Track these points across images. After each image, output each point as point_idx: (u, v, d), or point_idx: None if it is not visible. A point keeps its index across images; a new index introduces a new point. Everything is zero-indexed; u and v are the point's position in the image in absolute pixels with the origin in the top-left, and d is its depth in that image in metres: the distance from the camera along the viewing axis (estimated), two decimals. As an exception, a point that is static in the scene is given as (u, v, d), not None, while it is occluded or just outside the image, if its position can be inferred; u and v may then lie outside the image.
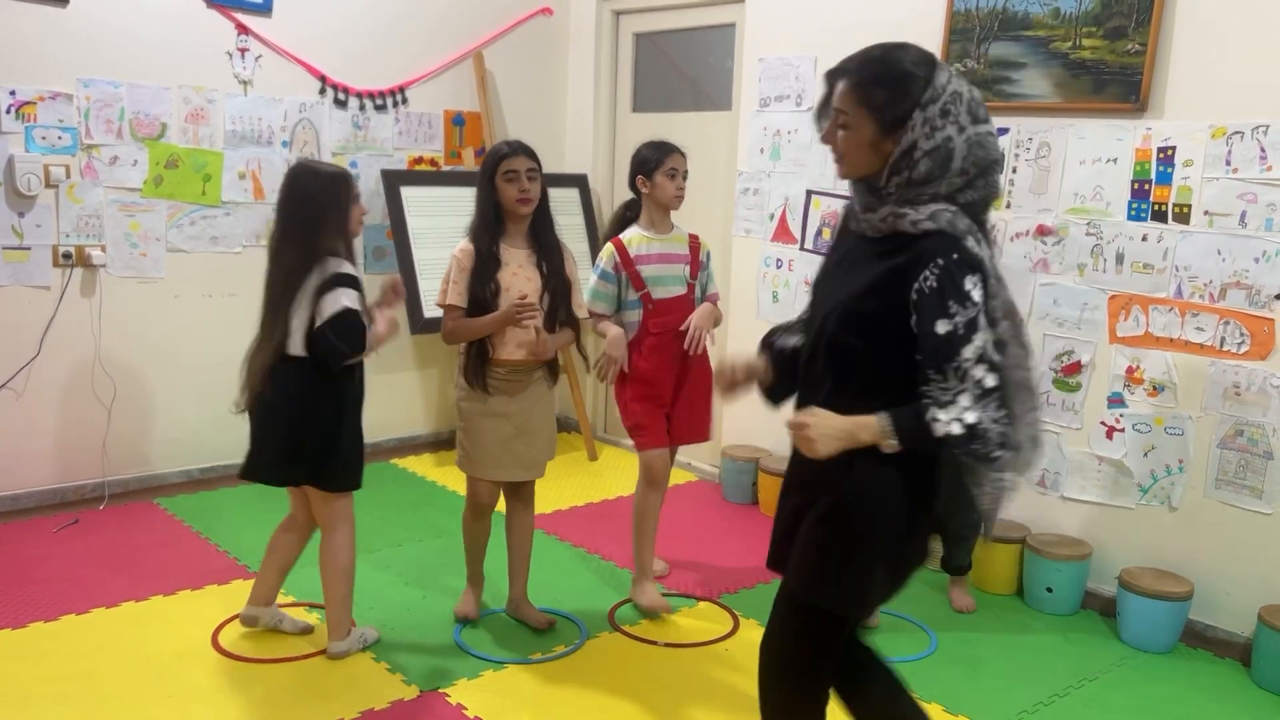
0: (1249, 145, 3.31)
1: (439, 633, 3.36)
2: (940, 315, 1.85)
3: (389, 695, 2.98)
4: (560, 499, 4.69)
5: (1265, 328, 3.33)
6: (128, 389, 4.43)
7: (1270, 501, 3.36)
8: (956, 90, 1.90)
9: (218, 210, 4.59)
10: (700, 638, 3.40)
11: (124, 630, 3.30)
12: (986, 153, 1.91)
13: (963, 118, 1.89)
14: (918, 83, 1.89)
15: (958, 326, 1.84)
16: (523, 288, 3.18)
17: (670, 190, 3.47)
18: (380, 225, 5.02)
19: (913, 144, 1.88)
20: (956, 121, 1.88)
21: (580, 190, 5.52)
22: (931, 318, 1.85)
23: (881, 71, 1.93)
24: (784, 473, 2.28)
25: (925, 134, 1.87)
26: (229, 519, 4.26)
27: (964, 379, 1.84)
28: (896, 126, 1.89)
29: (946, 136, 1.87)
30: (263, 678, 3.05)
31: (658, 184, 3.46)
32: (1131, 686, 3.25)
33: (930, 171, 1.88)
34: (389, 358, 5.08)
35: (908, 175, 1.90)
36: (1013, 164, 3.86)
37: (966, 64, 3.93)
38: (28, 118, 4.08)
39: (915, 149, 1.88)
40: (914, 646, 3.41)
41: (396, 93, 5.05)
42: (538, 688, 3.06)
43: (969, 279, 1.85)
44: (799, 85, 4.53)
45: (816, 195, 4.51)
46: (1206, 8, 3.37)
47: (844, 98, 1.95)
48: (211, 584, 3.65)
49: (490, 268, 3.16)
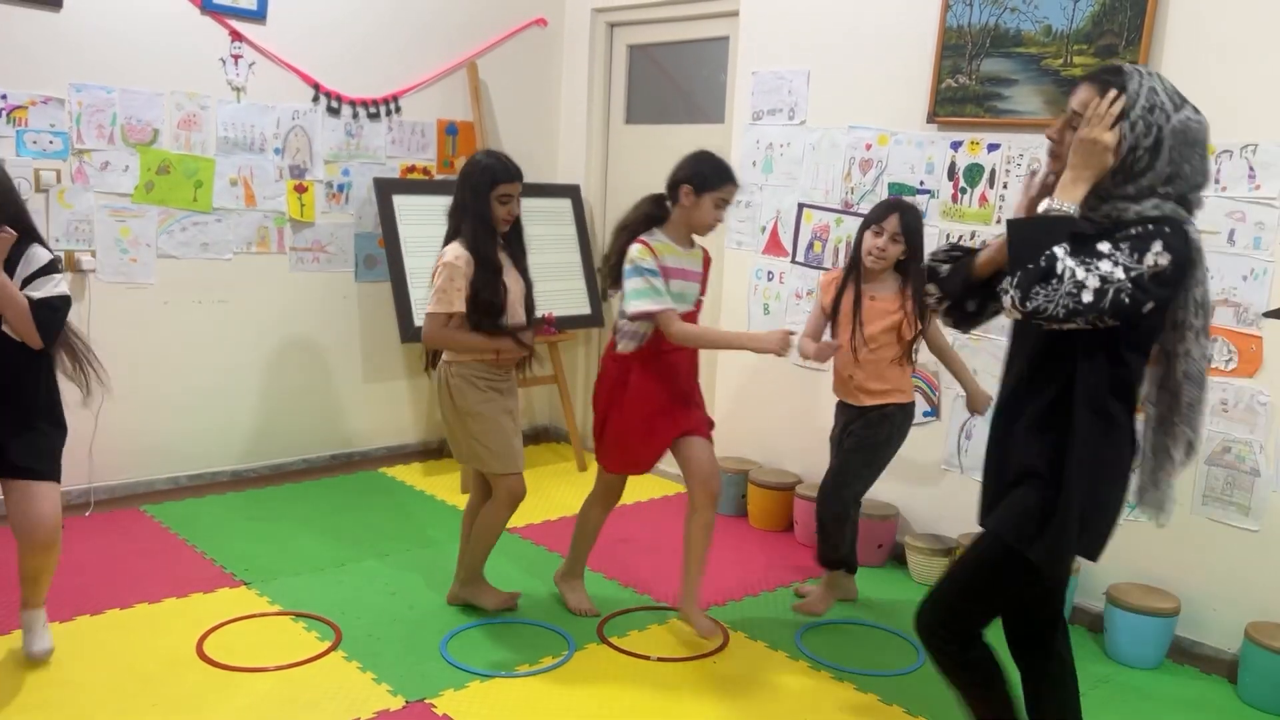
0: (1238, 164, 3.33)
1: (426, 643, 3.35)
2: (1110, 241, 2.02)
3: (375, 705, 2.96)
4: (549, 509, 4.68)
5: (1253, 345, 3.35)
6: (115, 395, 4.40)
7: (1257, 518, 3.37)
8: (1150, 87, 2.05)
9: (209, 216, 4.58)
10: (690, 651, 3.40)
11: (109, 638, 3.28)
12: (1192, 135, 2.05)
13: (1167, 107, 2.04)
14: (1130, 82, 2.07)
15: (1114, 255, 1.99)
16: (514, 288, 3.36)
17: (711, 219, 3.27)
18: (372, 233, 5.02)
19: (1135, 144, 2.04)
20: (1164, 111, 2.04)
21: (573, 201, 5.52)
22: (1104, 238, 2.02)
23: (1113, 71, 2.11)
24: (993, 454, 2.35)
25: (1143, 133, 2.04)
26: (216, 527, 4.24)
27: (1066, 275, 1.99)
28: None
29: (1158, 126, 2.03)
30: (248, 687, 3.03)
31: (703, 206, 3.23)
32: (1118, 703, 3.25)
33: (1146, 163, 2.04)
34: (379, 366, 5.07)
35: (1128, 169, 2.05)
36: (1004, 179, 3.88)
37: (958, 79, 3.95)
38: (19, 122, 4.07)
39: (1138, 149, 2.04)
40: (901, 660, 3.41)
41: (390, 101, 5.06)
42: (524, 699, 3.05)
43: (1159, 246, 1.99)
44: (791, 99, 4.55)
45: (808, 208, 4.53)
46: (1196, 27, 3.40)
47: (1079, 99, 2.12)
48: (197, 592, 3.63)
49: (497, 274, 3.30)
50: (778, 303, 4.67)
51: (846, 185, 4.38)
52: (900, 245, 3.48)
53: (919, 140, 4.12)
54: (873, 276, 3.54)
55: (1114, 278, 1.97)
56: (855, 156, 4.34)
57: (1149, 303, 2.01)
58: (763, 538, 4.49)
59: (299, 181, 4.82)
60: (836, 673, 3.30)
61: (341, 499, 4.69)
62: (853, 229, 4.36)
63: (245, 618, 3.46)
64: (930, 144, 4.09)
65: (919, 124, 4.11)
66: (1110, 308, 1.98)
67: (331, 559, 3.98)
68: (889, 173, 4.23)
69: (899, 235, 3.46)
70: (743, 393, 4.88)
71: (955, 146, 4.01)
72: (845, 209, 4.39)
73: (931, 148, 4.08)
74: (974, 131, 3.95)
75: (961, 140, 3.99)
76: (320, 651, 3.25)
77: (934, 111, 4.03)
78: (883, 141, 4.24)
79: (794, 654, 3.42)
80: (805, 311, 4.56)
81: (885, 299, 3.53)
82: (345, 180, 4.96)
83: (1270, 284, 3.30)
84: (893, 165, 4.21)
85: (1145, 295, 1.99)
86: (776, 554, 4.30)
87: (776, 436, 4.73)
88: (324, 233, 4.92)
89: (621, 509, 4.81)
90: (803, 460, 4.62)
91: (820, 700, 3.14)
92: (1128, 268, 1.98)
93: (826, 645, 3.49)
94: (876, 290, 3.54)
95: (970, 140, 3.96)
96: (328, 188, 4.91)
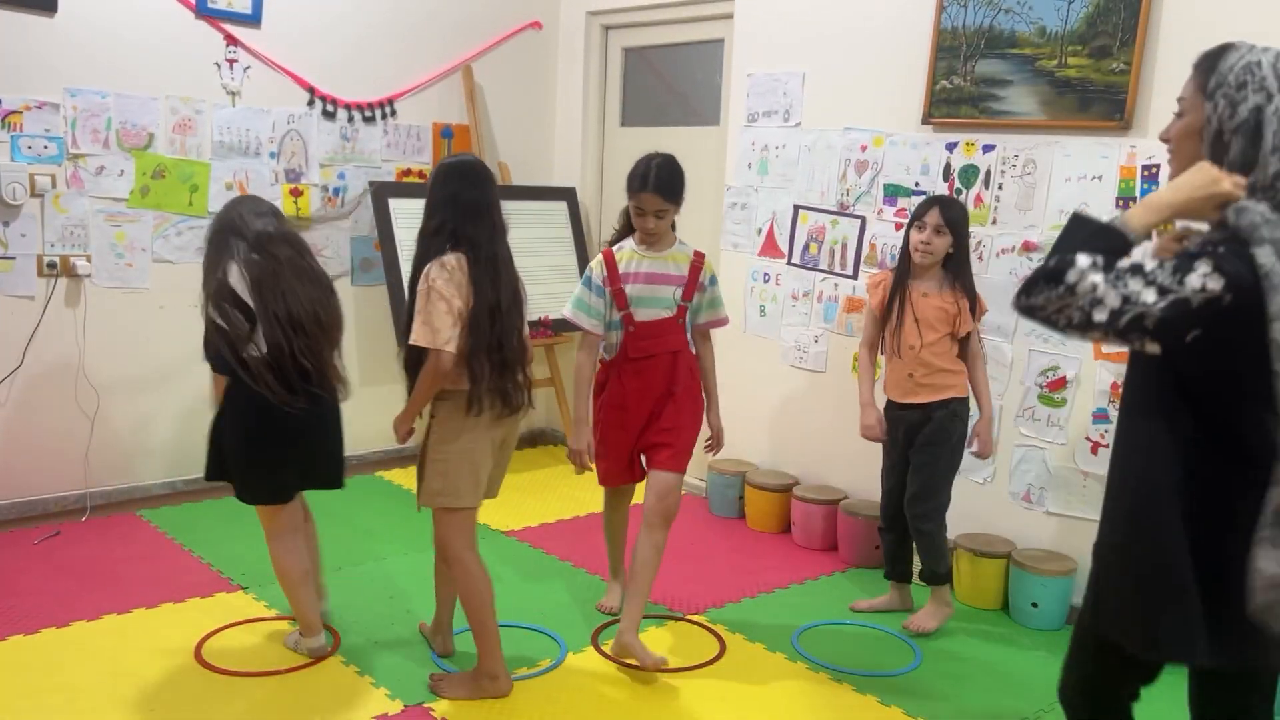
0: (1232, 164, 3.34)
1: (423, 647, 3.35)
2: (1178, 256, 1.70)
3: (373, 709, 2.96)
4: (545, 513, 4.68)
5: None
6: (111, 400, 4.40)
7: (1253, 517, 3.37)
8: (1250, 61, 1.75)
9: (204, 221, 4.55)
10: (686, 656, 3.39)
11: (105, 643, 3.27)
12: None
13: (1269, 83, 1.73)
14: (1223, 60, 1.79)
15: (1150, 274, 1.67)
16: None
17: (638, 225, 3.25)
18: (368, 237, 5.02)
19: (1218, 127, 1.76)
20: (1263, 89, 1.73)
21: (568, 203, 5.53)
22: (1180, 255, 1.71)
23: (1217, 50, 1.84)
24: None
25: (1227, 113, 1.75)
26: (213, 532, 4.23)
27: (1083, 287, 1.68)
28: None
29: (1254, 107, 1.73)
30: (246, 691, 3.03)
31: (632, 212, 3.26)
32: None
33: (1247, 151, 1.73)
34: (375, 370, 5.06)
35: (1226, 161, 1.75)
36: (999, 180, 3.88)
37: (953, 81, 3.95)
38: (14, 127, 4.06)
39: (1223, 133, 1.75)
40: (898, 660, 3.41)
41: (385, 105, 5.06)
42: (521, 702, 3.04)
43: (1204, 264, 1.66)
44: (786, 101, 4.55)
45: (804, 210, 4.53)
46: (1190, 28, 3.40)
47: (1186, 85, 1.86)
48: (194, 597, 3.63)
49: None
50: (774, 304, 4.67)
51: (842, 187, 4.38)
52: (946, 238, 3.46)
53: (914, 142, 4.12)
54: (922, 273, 3.52)
55: (1139, 299, 1.66)
56: (850, 158, 4.35)
57: (1192, 331, 1.68)
58: (760, 539, 4.49)
59: (294, 185, 4.81)
60: (835, 674, 3.30)
61: (338, 503, 4.67)
62: (848, 230, 4.37)
63: (243, 622, 3.45)
64: (925, 145, 4.09)
65: (914, 125, 4.12)
66: (1127, 330, 1.68)
67: (329, 563, 3.96)
68: (884, 174, 4.23)
69: (942, 227, 3.45)
70: (739, 394, 4.88)
71: (950, 148, 4.02)
72: (841, 210, 4.40)
73: (927, 149, 4.09)
74: (969, 133, 3.96)
75: (957, 142, 4.00)
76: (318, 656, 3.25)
77: (929, 113, 4.04)
78: (878, 143, 4.25)
79: (792, 656, 3.42)
80: (802, 313, 4.57)
81: (938, 295, 3.51)
82: (341, 184, 4.96)
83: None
84: (888, 167, 4.22)
85: (1185, 323, 1.67)
86: (774, 556, 4.30)
87: (774, 438, 4.74)
88: (319, 236, 4.92)
89: (619, 511, 4.84)
90: (800, 462, 4.62)
91: (819, 702, 3.13)
92: (1164, 288, 1.66)
93: (825, 647, 3.49)
94: (928, 286, 3.52)
95: (965, 141, 3.97)
96: (323, 191, 4.91)
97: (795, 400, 4.62)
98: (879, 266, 4.24)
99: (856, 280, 4.35)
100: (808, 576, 4.09)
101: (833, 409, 4.41)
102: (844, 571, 4.16)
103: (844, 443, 4.37)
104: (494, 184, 2.98)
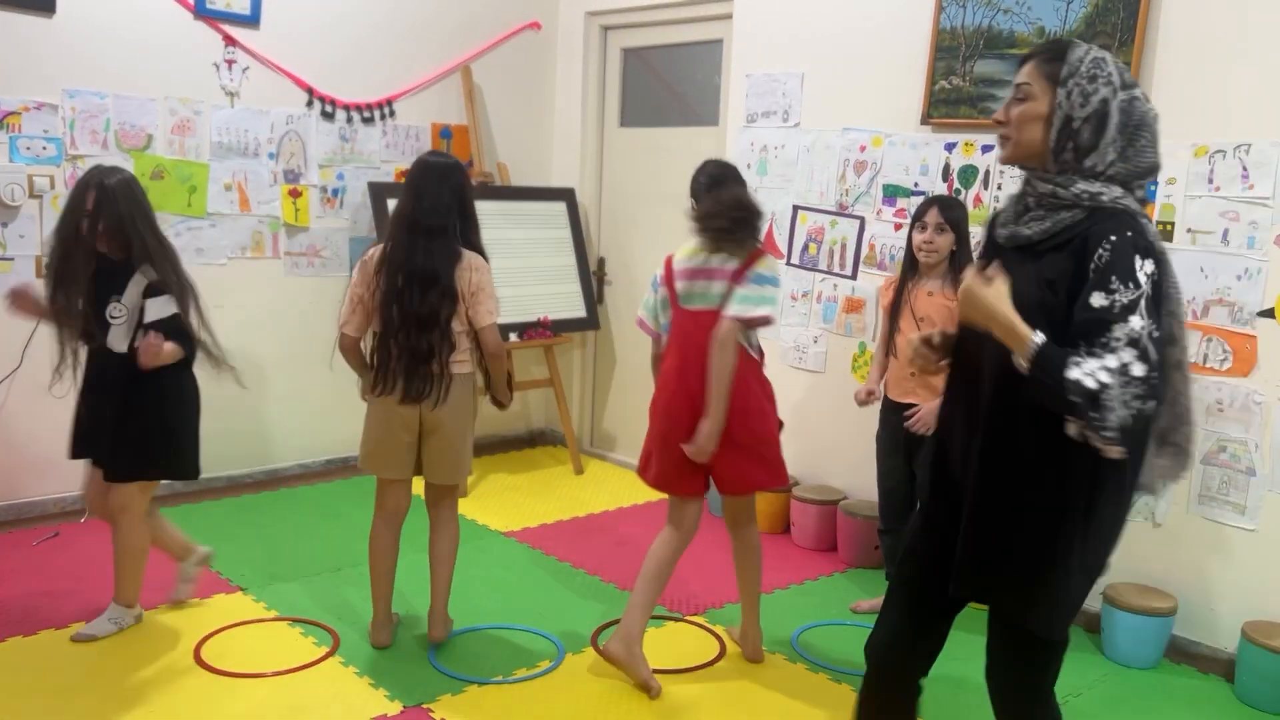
0: (1231, 164, 3.34)
1: (423, 648, 3.34)
2: (1099, 289, 1.79)
3: (372, 711, 2.95)
4: (545, 513, 4.68)
5: (1248, 344, 3.35)
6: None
7: (1253, 517, 3.38)
8: (1097, 56, 1.90)
9: (203, 222, 4.57)
10: (686, 657, 3.39)
11: (106, 644, 3.27)
12: (1140, 116, 1.90)
13: (1114, 78, 1.89)
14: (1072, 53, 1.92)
15: (1115, 304, 1.76)
16: None
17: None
18: (367, 238, 5.02)
19: (1068, 115, 1.89)
20: (1110, 82, 1.88)
21: (567, 204, 5.52)
22: (1090, 290, 1.80)
23: (1058, 44, 1.98)
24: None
25: (1079, 102, 1.88)
26: (212, 533, 4.22)
27: (1103, 379, 1.73)
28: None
29: (1103, 98, 1.88)
30: (246, 693, 3.03)
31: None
32: (1116, 703, 3.25)
33: (1091, 138, 1.88)
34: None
35: (1072, 146, 1.89)
36: (998, 180, 3.88)
37: (952, 81, 3.95)
38: (12, 128, 4.06)
39: (1072, 120, 1.89)
40: (899, 662, 3.41)
41: (384, 105, 5.05)
42: (521, 704, 3.04)
43: (1140, 260, 1.79)
44: (785, 101, 4.55)
45: (803, 210, 4.53)
46: (1189, 28, 3.41)
47: (1028, 72, 1.97)
48: (194, 598, 3.62)
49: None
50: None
51: (841, 187, 4.39)
52: (948, 235, 3.48)
53: (913, 142, 4.12)
54: (928, 272, 3.54)
55: (1135, 327, 1.75)
56: (850, 158, 4.35)
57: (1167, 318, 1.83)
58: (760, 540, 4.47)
59: (293, 186, 4.81)
60: (835, 674, 3.30)
61: (338, 504, 4.68)
62: (847, 231, 4.37)
63: (242, 623, 3.45)
64: (925, 146, 4.09)
65: (913, 126, 4.12)
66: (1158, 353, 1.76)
67: (328, 564, 3.98)
68: (883, 175, 4.23)
69: (943, 225, 3.47)
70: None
71: (949, 148, 4.02)
72: (840, 211, 4.40)
73: (926, 149, 4.09)
74: (968, 133, 3.96)
75: (955, 142, 4.00)
76: (318, 657, 3.25)
77: (928, 113, 4.04)
78: (877, 143, 4.25)
79: (792, 656, 3.42)
80: (801, 314, 4.57)
81: (941, 293, 3.52)
82: (340, 184, 4.96)
83: (1264, 283, 3.31)
84: (887, 167, 4.22)
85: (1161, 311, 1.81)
86: (774, 556, 4.29)
87: (773, 438, 4.73)
88: (318, 237, 4.92)
89: (621, 510, 4.83)
90: (800, 462, 4.62)
91: (819, 702, 3.13)
92: (1130, 304, 1.77)
93: (824, 647, 3.49)
94: (933, 285, 3.54)
95: (964, 142, 3.97)
96: (322, 192, 4.91)
97: (794, 401, 4.62)
98: (878, 267, 4.24)
99: (855, 281, 4.35)
100: (807, 577, 4.09)
101: (832, 410, 4.41)
102: (843, 572, 4.16)
103: (843, 443, 4.38)
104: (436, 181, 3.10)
